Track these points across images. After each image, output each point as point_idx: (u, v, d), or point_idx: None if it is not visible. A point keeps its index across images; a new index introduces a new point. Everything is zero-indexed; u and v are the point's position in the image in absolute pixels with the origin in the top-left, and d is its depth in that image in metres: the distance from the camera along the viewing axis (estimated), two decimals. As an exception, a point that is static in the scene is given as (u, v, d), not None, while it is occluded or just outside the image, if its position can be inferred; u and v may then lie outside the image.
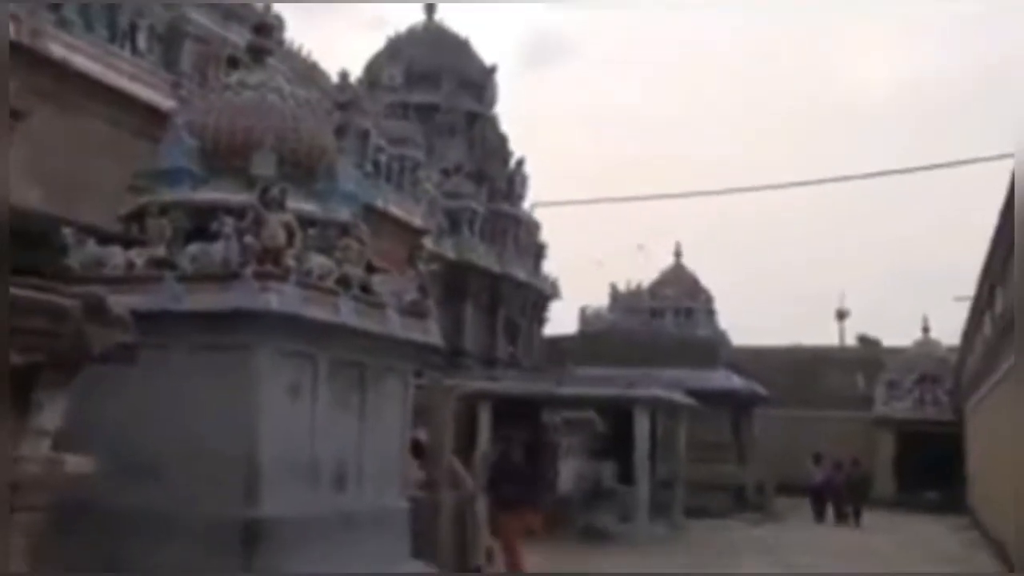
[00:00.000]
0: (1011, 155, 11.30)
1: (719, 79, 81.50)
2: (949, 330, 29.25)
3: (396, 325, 8.81)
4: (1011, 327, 13.86)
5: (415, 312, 9.21)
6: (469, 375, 19.60)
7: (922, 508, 28.01)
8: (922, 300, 65.25)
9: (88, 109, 12.52)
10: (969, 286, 20.29)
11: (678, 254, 33.39)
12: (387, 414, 8.94)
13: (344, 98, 19.16)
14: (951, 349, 31.09)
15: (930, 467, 30.15)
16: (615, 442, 18.57)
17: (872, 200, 68.29)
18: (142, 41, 13.88)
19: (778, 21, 79.91)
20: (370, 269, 9.26)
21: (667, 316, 31.65)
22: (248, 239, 7.63)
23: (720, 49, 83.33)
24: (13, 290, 3.38)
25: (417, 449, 10.59)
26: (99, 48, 12.88)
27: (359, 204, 9.83)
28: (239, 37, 14.12)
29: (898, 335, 37.36)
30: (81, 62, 12.45)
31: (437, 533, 11.11)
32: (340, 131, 17.24)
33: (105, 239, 8.23)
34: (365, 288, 8.72)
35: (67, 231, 8.04)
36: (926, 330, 34.98)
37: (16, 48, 11.50)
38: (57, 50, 12.11)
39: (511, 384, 19.13)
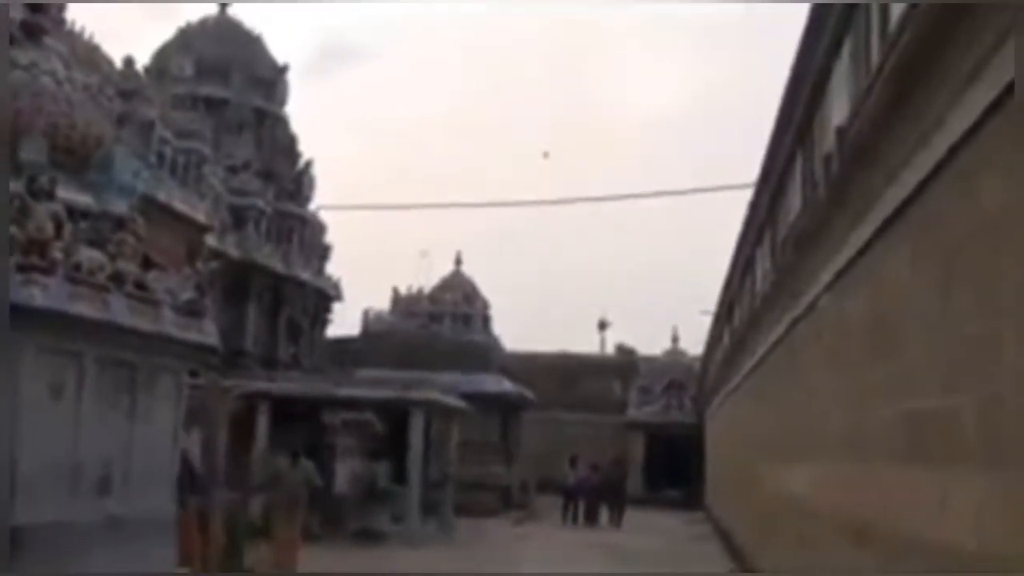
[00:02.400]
0: (751, 185, 12.12)
1: (507, 94, 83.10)
2: (697, 340, 31.08)
3: (170, 324, 8.28)
4: (743, 343, 14.93)
5: (191, 311, 8.70)
6: (249, 376, 18.79)
7: (666, 505, 29.65)
8: (674, 313, 69.13)
9: None
10: (713, 302, 21.68)
11: (458, 262, 33.63)
12: (159, 415, 8.38)
13: (128, 86, 17.85)
14: (696, 358, 33.13)
15: (674, 467, 32.02)
16: (391, 443, 18.38)
17: (634, 217, 71.81)
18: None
19: (564, 40, 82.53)
20: (147, 265, 8.65)
21: (445, 321, 31.76)
22: (12, 230, 6.90)
23: (509, 66, 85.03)
24: None
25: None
26: None
27: (137, 197, 9.16)
28: (15, 12, 12.79)
29: (652, 345, 39.34)
30: None
31: (208, 537, 10.53)
32: (122, 120, 16.08)
33: None
34: (140, 285, 8.13)
35: None
36: (675, 340, 37.12)
37: None
38: None
39: (290, 385, 18.54)
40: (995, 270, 3.51)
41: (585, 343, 46.89)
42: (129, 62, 18.57)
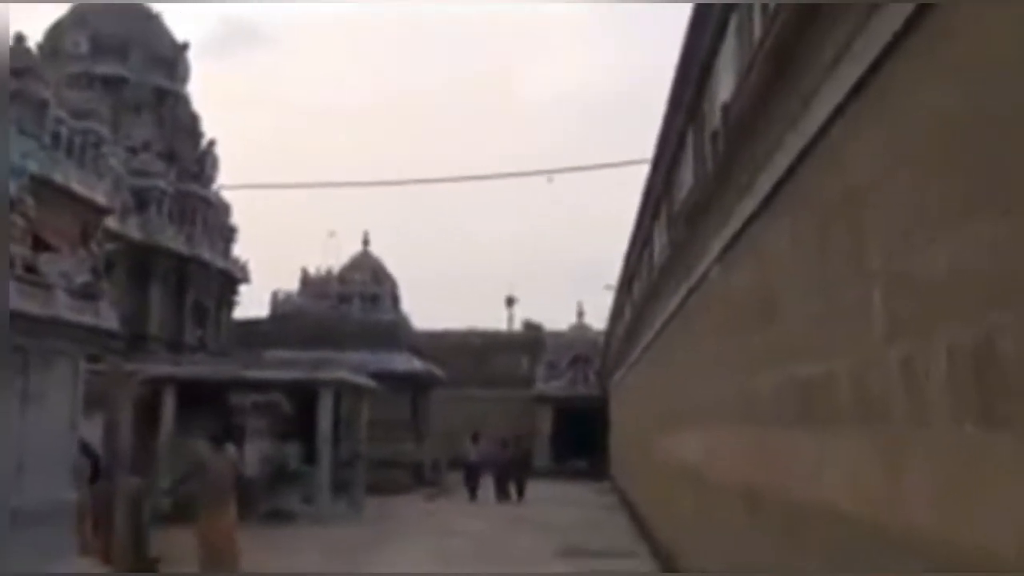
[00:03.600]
0: (647, 160, 12.29)
1: (412, 75, 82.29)
2: (601, 315, 31.51)
3: (64, 307, 7.96)
4: (642, 316, 15.19)
5: (86, 294, 8.37)
6: (154, 360, 18.24)
7: (573, 476, 30.07)
8: (579, 288, 70.13)
9: None
10: (616, 277, 21.98)
11: (366, 242, 33.27)
12: (55, 401, 8.05)
13: (19, 63, 16.96)
14: (601, 333, 33.62)
15: (580, 439, 32.47)
16: (301, 424, 18.12)
17: (540, 195, 72.20)
18: None
19: (474, 22, 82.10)
20: (40, 247, 8.28)
21: (355, 301, 31.39)
22: None
23: (414, 45, 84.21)
24: None
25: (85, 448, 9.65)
26: None
27: (27, 177, 8.73)
28: None
29: (558, 320, 39.73)
30: None
31: (111, 525, 10.20)
32: (13, 99, 15.28)
33: None
34: (30, 268, 7.79)
35: None
36: (580, 315, 37.54)
37: None
38: None
39: (197, 368, 18.07)
40: (861, 239, 3.63)
41: (493, 320, 47.04)
42: (20, 39, 17.66)
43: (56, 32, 24.97)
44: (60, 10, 26.40)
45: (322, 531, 15.16)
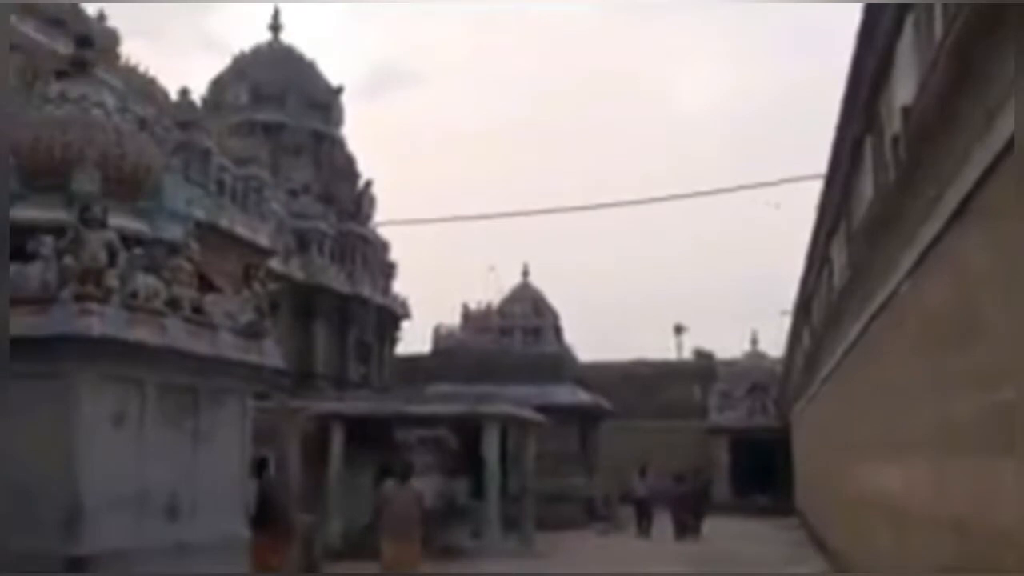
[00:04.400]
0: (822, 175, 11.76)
1: (560, 101, 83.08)
2: (777, 342, 30.43)
3: (229, 347, 8.34)
4: (823, 341, 14.48)
5: (250, 333, 8.75)
6: (320, 397, 18.98)
7: (755, 511, 28.99)
8: (751, 314, 67.96)
9: None
10: (790, 300, 21.16)
11: (525, 273, 33.57)
12: (224, 438, 8.44)
13: (185, 116, 18.26)
14: (778, 360, 32.43)
15: (761, 472, 31.32)
16: (467, 459, 18.35)
17: (706, 217, 70.94)
18: (-41, 51, 12.76)
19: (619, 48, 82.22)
20: (206, 289, 8.75)
21: (516, 334, 31.68)
22: (67, 260, 7.05)
23: (561, 70, 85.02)
24: None
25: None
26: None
27: (190, 222, 9.30)
28: (68, 49, 13.19)
29: (730, 349, 38.70)
30: None
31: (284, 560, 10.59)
32: (180, 150, 16.44)
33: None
34: (197, 309, 8.22)
35: None
36: (755, 342, 36.42)
37: None
38: None
39: (361, 404, 18.63)
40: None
41: (661, 349, 46.32)
42: (184, 93, 19.00)
43: (218, 85, 26.76)
44: (222, 65, 28.29)
45: (493, 566, 15.22)
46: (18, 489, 6.59)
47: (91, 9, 15.92)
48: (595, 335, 62.66)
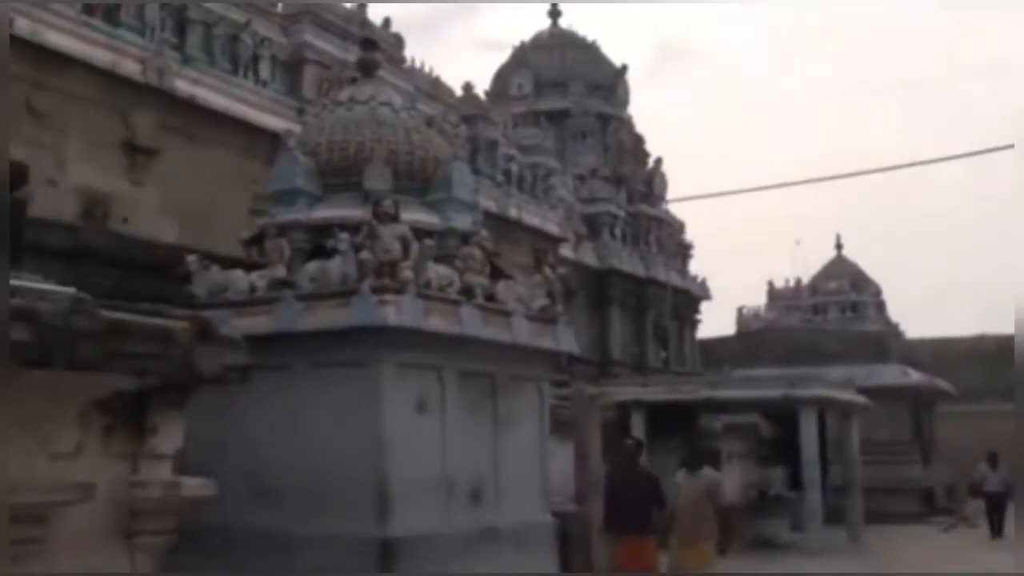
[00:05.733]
0: None
1: (853, 63, 78.23)
2: None
3: (524, 333, 8.69)
4: None
5: (544, 319, 9.07)
6: (619, 383, 19.28)
7: None
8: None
9: (217, 141, 13.02)
10: None
11: (839, 246, 32.07)
12: (523, 425, 8.82)
13: (470, 111, 19.29)
14: None
15: None
16: (782, 446, 17.86)
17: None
18: (265, 70, 14.35)
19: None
20: (497, 277, 9.18)
21: (830, 312, 30.37)
22: (363, 254, 7.69)
23: (849, 32, 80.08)
24: (119, 315, 3.42)
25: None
26: (223, 81, 13.40)
27: (478, 212, 9.79)
28: (352, 54, 14.38)
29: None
30: (207, 96, 12.97)
31: (590, 549, 10.90)
32: (467, 143, 17.39)
33: (229, 264, 8.48)
34: (490, 297, 8.65)
35: (191, 259, 8.35)
36: None
37: (144, 88, 12.12)
38: (183, 86, 12.65)
39: (662, 390, 18.68)
40: None
41: (1009, 323, 42.33)
42: (468, 88, 20.05)
43: (500, 78, 27.99)
44: (503, 57, 29.52)
45: (815, 564, 14.68)
46: (329, 473, 7.30)
47: (377, 18, 17.23)
48: (928, 310, 58.41)
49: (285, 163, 8.80)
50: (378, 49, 10.76)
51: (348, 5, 16.63)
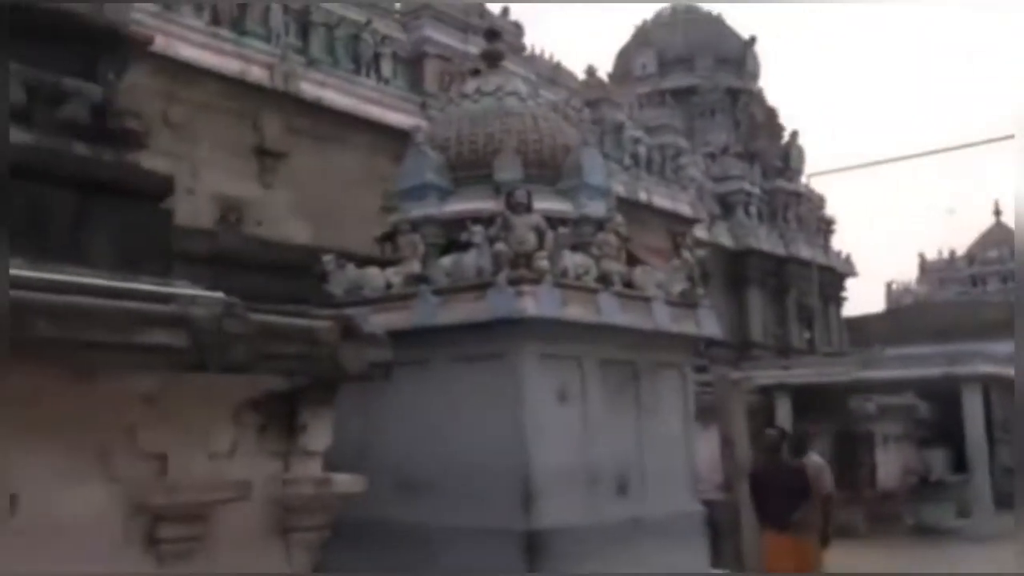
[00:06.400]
0: None
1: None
2: None
3: (665, 318, 8.58)
4: None
5: (685, 303, 8.94)
6: (761, 367, 18.89)
7: None
8: None
9: (343, 140, 13.37)
10: None
11: (997, 212, 30.54)
12: (667, 412, 8.71)
13: (593, 94, 19.20)
14: None
15: None
16: (943, 428, 17.17)
17: None
18: (387, 68, 14.65)
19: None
20: (632, 262, 9.11)
21: (990, 282, 28.98)
22: (498, 246, 7.73)
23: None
24: (267, 317, 3.53)
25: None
26: (347, 81, 13.75)
27: (611, 197, 9.71)
28: (478, 49, 14.54)
29: None
30: (332, 97, 13.34)
31: (739, 538, 10.72)
32: (592, 127, 17.30)
33: (364, 262, 8.66)
34: (628, 283, 8.58)
35: (328, 259, 8.57)
36: None
37: (271, 92, 12.54)
38: (309, 89, 13.05)
39: (808, 372, 18.20)
40: None
41: None
42: (591, 72, 19.96)
43: (623, 57, 27.77)
44: (625, 38, 29.26)
45: (983, 552, 14.05)
46: (472, 466, 7.37)
47: (495, 8, 17.33)
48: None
49: (415, 159, 8.91)
50: (501, 39, 10.79)
51: (465, -2, 16.82)
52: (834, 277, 26.01)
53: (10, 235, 3.30)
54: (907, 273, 30.74)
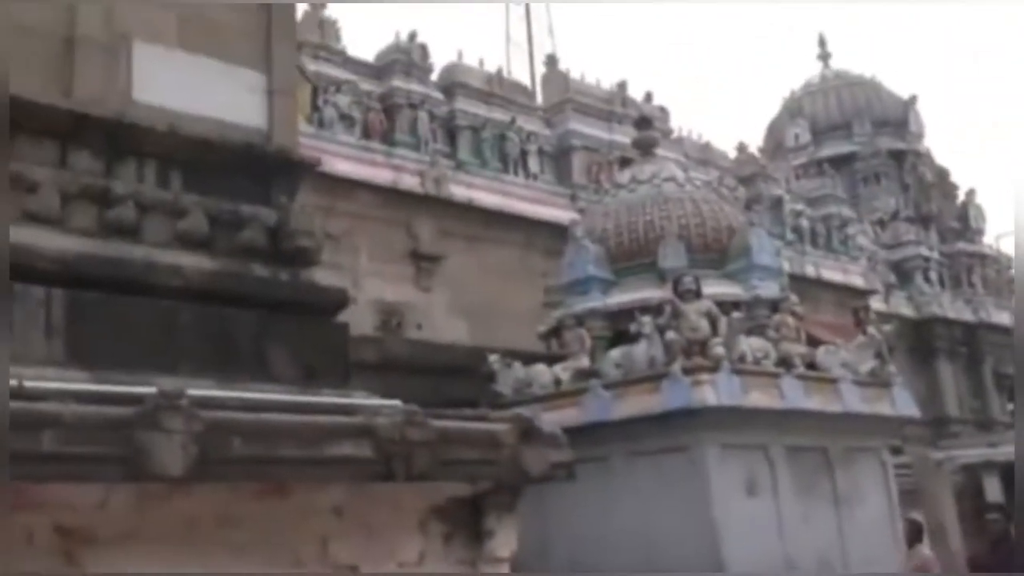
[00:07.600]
0: None
1: None
2: None
3: (855, 400, 8.24)
4: None
5: (876, 382, 8.57)
6: (962, 444, 17.77)
7: None
8: None
9: (495, 239, 13.62)
10: None
11: None
12: (867, 500, 8.29)
13: (747, 171, 18.97)
14: None
15: None
16: None
17: None
18: (534, 164, 14.93)
19: None
20: (812, 343, 8.84)
21: None
22: (669, 335, 7.62)
23: None
24: (447, 423, 3.54)
25: (914, 531, 9.50)
26: (496, 180, 14.11)
27: (783, 276, 9.49)
28: (624, 137, 14.68)
29: None
30: (482, 197, 13.67)
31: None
32: (750, 204, 17.04)
33: (530, 359, 8.67)
34: (810, 365, 8.31)
35: (494, 358, 8.62)
36: None
37: (423, 198, 12.98)
38: (459, 191, 13.43)
39: (1014, 448, 16.99)
40: None
41: None
42: (742, 147, 19.76)
43: (773, 130, 27.42)
44: (774, 109, 28.96)
45: None
46: (660, 563, 7.13)
47: (638, 95, 17.47)
48: None
49: (575, 252, 8.96)
50: (652, 127, 10.84)
51: (606, 87, 17.02)
52: (1042, 341, 24.47)
53: (199, 357, 3.46)
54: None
